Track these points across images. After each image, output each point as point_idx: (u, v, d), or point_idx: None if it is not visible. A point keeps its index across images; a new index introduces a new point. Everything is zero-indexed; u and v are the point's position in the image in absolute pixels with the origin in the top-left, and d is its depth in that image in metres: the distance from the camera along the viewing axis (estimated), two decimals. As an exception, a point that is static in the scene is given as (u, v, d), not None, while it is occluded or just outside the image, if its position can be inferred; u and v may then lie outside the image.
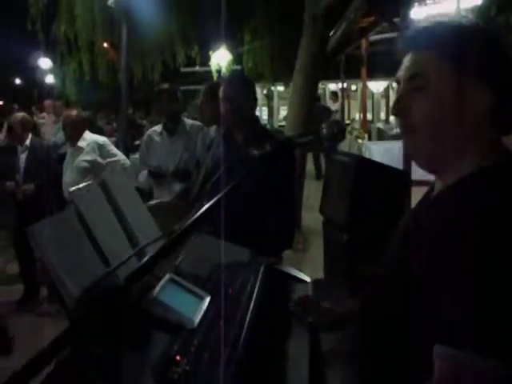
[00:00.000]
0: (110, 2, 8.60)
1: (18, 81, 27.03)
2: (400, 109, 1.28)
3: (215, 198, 1.21)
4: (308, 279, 2.30)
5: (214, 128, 4.49)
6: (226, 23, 10.92)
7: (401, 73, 1.31)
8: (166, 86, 4.97)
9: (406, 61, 1.30)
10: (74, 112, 5.76)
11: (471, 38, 1.21)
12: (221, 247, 2.23)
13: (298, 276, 2.29)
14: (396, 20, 9.42)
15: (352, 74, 18.78)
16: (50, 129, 8.97)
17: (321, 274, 4.92)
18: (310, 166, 12.87)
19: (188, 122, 5.02)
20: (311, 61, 7.75)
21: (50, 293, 6.11)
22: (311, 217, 6.68)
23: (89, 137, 5.69)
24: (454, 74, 1.20)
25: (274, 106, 26.79)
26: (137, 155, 5.64)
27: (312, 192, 9.78)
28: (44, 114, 9.54)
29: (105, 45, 14.03)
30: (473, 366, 0.97)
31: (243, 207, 2.87)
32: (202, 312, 1.62)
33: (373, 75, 17.25)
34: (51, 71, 18.42)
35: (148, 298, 1.51)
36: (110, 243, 1.54)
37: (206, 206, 1.19)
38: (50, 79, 19.88)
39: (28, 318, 5.53)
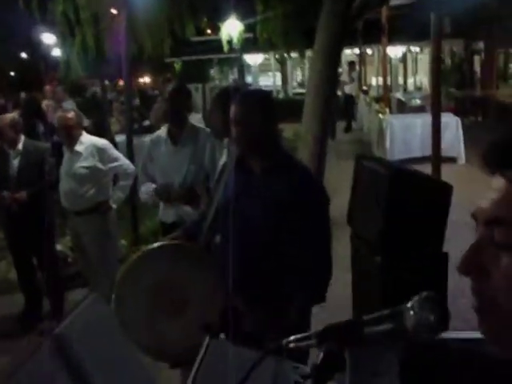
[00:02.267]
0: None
1: (23, 55, 26.37)
2: (470, 268, 0.83)
3: None
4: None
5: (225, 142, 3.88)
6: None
7: (483, 206, 0.84)
8: (170, 88, 4.40)
9: (494, 189, 0.83)
10: (70, 113, 5.13)
11: None
12: (235, 354, 1.73)
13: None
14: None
15: (368, 38, 17.98)
16: (52, 116, 8.39)
17: (346, 277, 4.36)
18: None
19: (195, 126, 4.44)
20: (332, 40, 7.13)
21: (54, 305, 5.67)
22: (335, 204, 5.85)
23: (87, 140, 5.10)
24: None
25: (288, 72, 25.94)
26: (147, 137, 5.03)
27: (335, 167, 9.14)
28: (45, 101, 8.94)
29: (113, 11, 13.39)
30: None
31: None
32: None
33: (391, 40, 16.40)
34: (56, 45, 17.82)
35: None
36: None
37: None
38: (56, 52, 19.27)
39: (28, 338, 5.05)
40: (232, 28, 14.68)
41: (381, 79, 17.75)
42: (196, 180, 4.22)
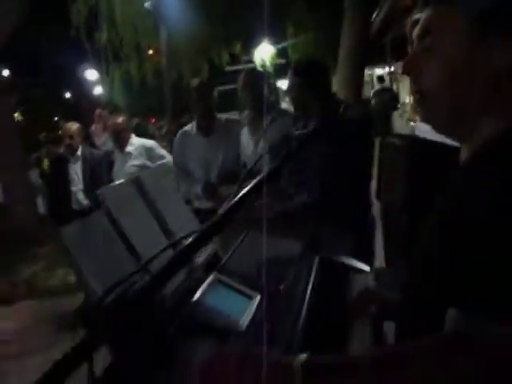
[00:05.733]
0: (146, 5, 8.59)
1: (67, 95, 27.55)
2: (409, 69, 1.17)
3: (258, 178, 1.07)
4: (367, 268, 2.14)
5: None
6: (267, 16, 10.81)
7: (415, 30, 1.18)
8: (195, 82, 4.63)
9: (422, 17, 1.16)
10: (120, 118, 5.72)
11: None
12: (271, 243, 2.10)
13: (357, 266, 2.13)
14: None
15: (400, 55, 18.30)
16: (100, 139, 9.00)
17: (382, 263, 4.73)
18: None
19: (222, 117, 4.61)
20: (354, 45, 7.51)
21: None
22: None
23: (136, 141, 5.66)
24: (467, 30, 1.06)
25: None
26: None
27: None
28: (94, 125, 9.57)
29: (150, 52, 14.13)
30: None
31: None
32: (251, 313, 1.49)
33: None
34: (98, 82, 18.70)
35: (191, 302, 1.39)
36: (146, 243, 1.43)
37: (245, 189, 1.05)
38: (97, 90, 20.19)
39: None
40: (264, 52, 15.27)
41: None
42: (233, 164, 4.34)
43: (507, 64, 1.04)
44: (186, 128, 4.66)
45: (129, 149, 5.58)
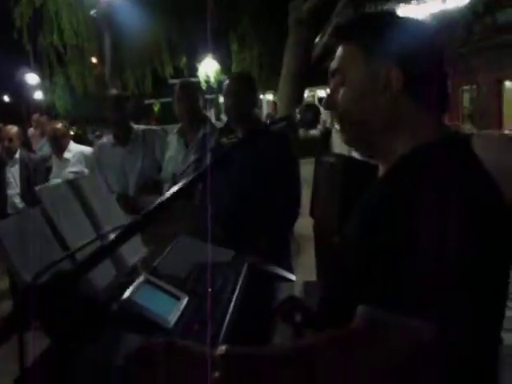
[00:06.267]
0: (92, 12, 8.57)
1: (6, 98, 26.88)
2: (328, 106, 1.35)
3: (180, 183, 1.14)
4: (294, 278, 2.24)
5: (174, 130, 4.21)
6: (212, 32, 10.93)
7: (331, 67, 1.35)
8: (112, 93, 4.54)
9: (337, 55, 1.34)
10: (59, 124, 5.70)
11: (382, 26, 1.28)
12: (202, 249, 2.18)
13: (284, 275, 2.23)
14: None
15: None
16: (37, 143, 8.87)
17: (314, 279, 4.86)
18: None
19: (139, 127, 4.61)
20: (297, 65, 7.72)
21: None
22: (302, 223, 6.51)
23: (74, 148, 5.64)
24: (365, 61, 1.27)
25: (263, 113, 26.74)
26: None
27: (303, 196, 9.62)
28: (31, 129, 9.46)
29: (93, 60, 14.00)
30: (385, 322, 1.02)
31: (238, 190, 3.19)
32: (178, 312, 1.56)
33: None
34: (39, 87, 18.36)
35: (120, 299, 1.45)
36: (78, 240, 1.48)
37: (172, 189, 1.13)
38: (38, 95, 19.83)
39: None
40: (209, 67, 15.38)
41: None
42: (151, 173, 4.37)
43: (400, 89, 1.23)
44: (103, 140, 4.64)
45: (67, 155, 5.55)
